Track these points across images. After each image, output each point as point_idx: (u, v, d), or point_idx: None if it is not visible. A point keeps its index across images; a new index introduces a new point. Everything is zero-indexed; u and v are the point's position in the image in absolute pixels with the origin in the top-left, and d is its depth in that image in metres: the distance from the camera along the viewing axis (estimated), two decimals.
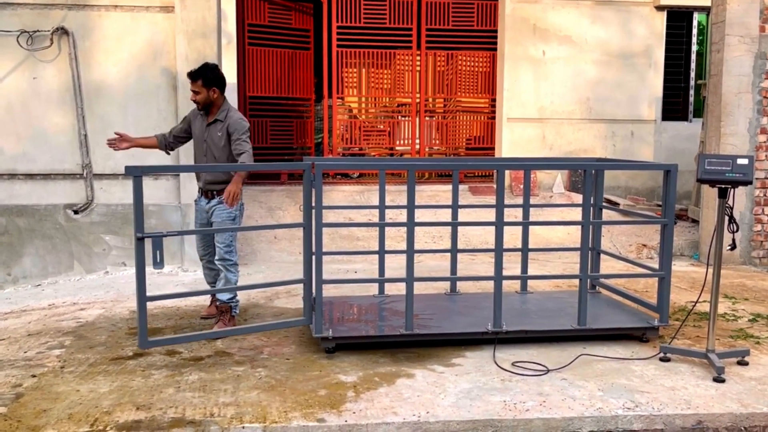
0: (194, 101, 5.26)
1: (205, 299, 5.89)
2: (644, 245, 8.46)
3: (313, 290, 4.66)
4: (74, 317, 5.67)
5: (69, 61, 7.34)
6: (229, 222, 5.23)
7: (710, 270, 4.47)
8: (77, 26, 7.33)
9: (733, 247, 4.60)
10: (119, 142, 5.36)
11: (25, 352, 4.75)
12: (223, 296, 5.21)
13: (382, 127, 10.61)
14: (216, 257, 5.26)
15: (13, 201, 7.41)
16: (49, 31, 7.27)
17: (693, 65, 10.60)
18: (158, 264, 4.23)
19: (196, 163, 5.48)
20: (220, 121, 5.24)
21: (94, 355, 4.67)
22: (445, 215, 8.15)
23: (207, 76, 5.19)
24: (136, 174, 4.21)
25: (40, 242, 7.41)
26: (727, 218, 4.36)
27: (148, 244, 4.33)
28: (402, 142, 10.54)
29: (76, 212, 7.46)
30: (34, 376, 4.27)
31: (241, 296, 5.82)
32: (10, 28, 7.22)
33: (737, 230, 4.42)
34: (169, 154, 5.71)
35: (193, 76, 5.19)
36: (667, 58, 10.24)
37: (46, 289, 7.01)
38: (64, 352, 4.73)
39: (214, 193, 5.26)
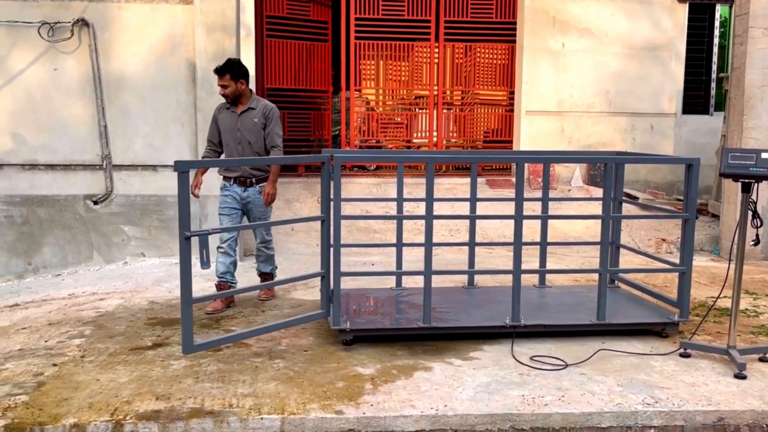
0: (223, 95, 5.58)
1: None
2: (663, 240, 8.39)
3: (331, 282, 4.66)
4: (94, 307, 5.71)
5: (89, 53, 7.38)
6: (268, 210, 5.76)
7: (732, 265, 4.42)
8: (97, 18, 7.37)
9: (757, 242, 4.54)
10: (195, 188, 5.61)
11: (46, 341, 4.79)
12: (266, 268, 5.94)
13: (399, 119, 10.58)
14: (258, 241, 5.83)
15: (34, 191, 7.48)
16: (69, 22, 7.30)
17: (715, 58, 10.48)
18: (205, 263, 4.22)
19: (229, 152, 5.72)
20: (253, 108, 5.61)
21: (113, 345, 4.70)
22: (462, 208, 8.14)
23: (234, 69, 5.52)
24: (183, 170, 4.00)
25: (60, 232, 7.48)
26: (750, 213, 4.31)
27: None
28: (419, 134, 10.51)
29: (95, 203, 7.51)
30: (55, 365, 4.31)
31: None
32: (32, 20, 7.26)
33: (761, 225, 4.37)
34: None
35: (220, 71, 5.51)
36: (688, 51, 10.12)
37: (66, 279, 7.07)
38: (84, 342, 4.77)
39: (253, 180, 5.63)
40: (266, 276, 5.98)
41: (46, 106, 7.44)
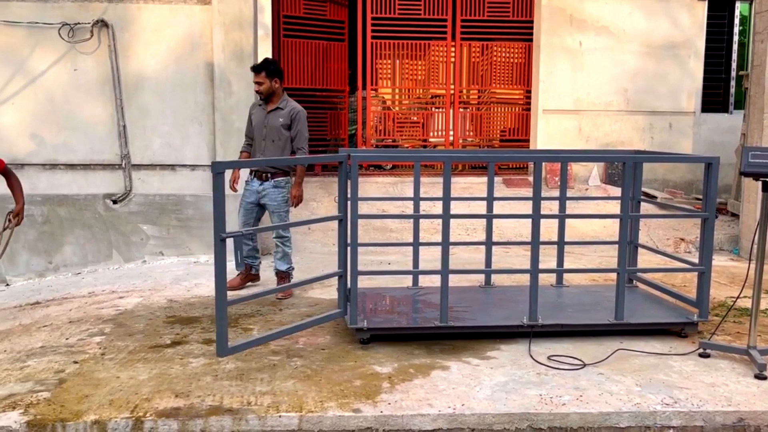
0: (258, 92, 5.87)
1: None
2: (682, 239, 8.33)
3: (348, 281, 4.68)
4: (113, 305, 5.77)
5: (108, 53, 7.45)
6: (283, 204, 5.91)
7: (752, 265, 4.38)
8: (117, 19, 7.44)
9: None
10: (234, 182, 6.09)
11: (67, 339, 4.85)
12: (282, 266, 5.99)
13: (415, 118, 10.58)
14: (273, 235, 6.00)
15: (54, 190, 7.56)
16: (89, 23, 7.38)
17: (734, 55, 10.38)
18: (240, 264, 4.26)
19: (255, 147, 5.97)
20: (281, 108, 5.90)
21: (133, 343, 4.75)
22: (478, 207, 8.12)
23: (270, 68, 5.85)
24: (219, 171, 3.96)
25: (80, 231, 7.56)
26: None
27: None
28: (435, 133, 10.50)
29: (114, 202, 7.58)
30: (76, 362, 4.36)
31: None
32: (52, 21, 7.35)
33: None
34: None
35: (257, 68, 5.83)
36: (707, 49, 10.03)
37: (86, 278, 7.15)
38: (105, 339, 4.83)
39: (269, 175, 5.82)
40: (282, 274, 6.06)
41: (66, 107, 7.52)
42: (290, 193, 5.90)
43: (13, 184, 5.07)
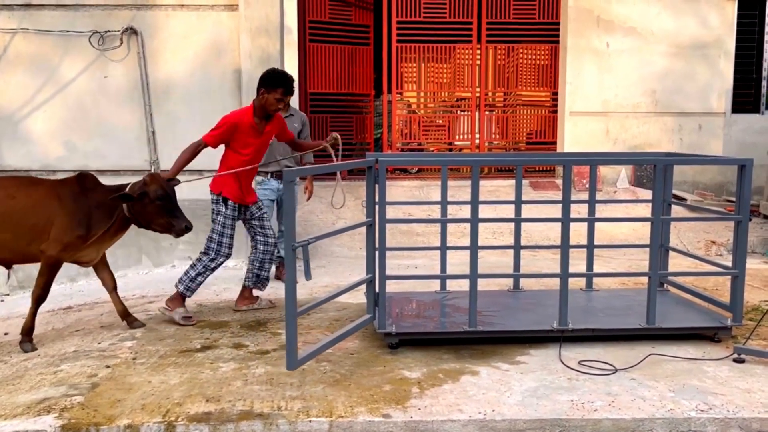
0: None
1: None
2: (713, 242, 8.20)
3: (377, 286, 4.67)
4: (144, 310, 5.83)
5: (137, 60, 7.54)
6: (296, 201, 6.16)
7: None
8: (145, 26, 7.52)
9: None
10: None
11: (99, 344, 4.91)
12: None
13: (441, 122, 10.57)
14: (279, 232, 6.33)
15: None
16: (119, 31, 7.47)
17: (766, 55, 10.21)
18: (308, 274, 4.24)
19: (269, 154, 6.13)
20: (292, 114, 6.38)
21: (163, 347, 4.79)
22: (504, 210, 8.08)
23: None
24: (291, 179, 3.89)
25: None
26: None
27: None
28: (461, 136, 10.48)
29: None
30: (108, 366, 4.41)
31: (304, 292, 5.91)
32: (83, 29, 7.45)
33: None
34: None
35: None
36: (737, 48, 9.89)
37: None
38: (136, 344, 4.87)
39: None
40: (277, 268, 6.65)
41: (95, 113, 7.62)
42: (305, 187, 6.75)
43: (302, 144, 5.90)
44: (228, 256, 5.51)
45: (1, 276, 6.94)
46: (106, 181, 7.65)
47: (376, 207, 4.62)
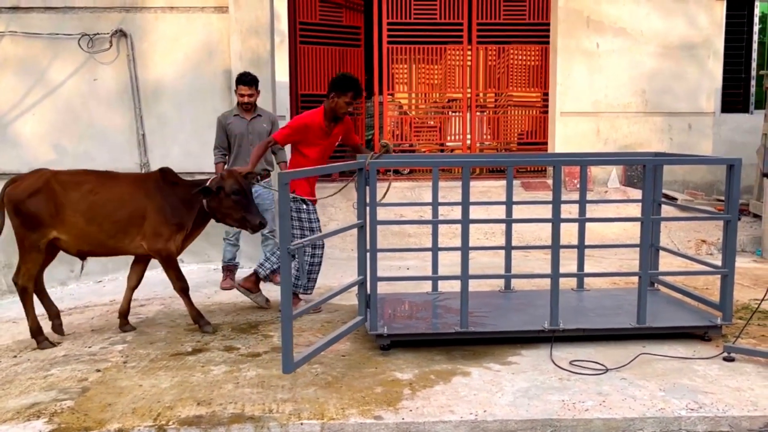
0: (246, 102, 6.18)
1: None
2: (703, 241, 8.24)
3: (368, 288, 4.67)
4: (134, 313, 5.80)
5: (127, 63, 7.53)
6: (272, 203, 6.45)
7: None
8: (135, 28, 7.51)
9: None
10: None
11: (89, 347, 4.89)
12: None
13: (432, 123, 10.57)
14: (267, 231, 6.33)
15: None
16: (108, 33, 7.46)
17: (754, 55, 10.27)
18: (304, 278, 4.31)
19: (242, 156, 6.18)
20: (260, 115, 6.31)
21: (154, 351, 4.77)
22: (495, 211, 8.08)
23: (257, 81, 6.25)
24: (285, 181, 3.92)
25: None
26: None
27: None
28: (452, 137, 10.48)
29: None
30: (98, 370, 4.39)
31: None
32: (72, 32, 7.43)
33: None
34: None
35: (252, 81, 6.17)
36: (726, 48, 9.93)
37: (107, 286, 7.20)
38: (126, 348, 4.86)
39: (259, 177, 6.03)
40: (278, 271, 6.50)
41: (86, 116, 7.60)
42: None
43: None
44: (322, 246, 5.70)
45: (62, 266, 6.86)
46: None
47: (367, 209, 4.61)
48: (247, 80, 6.17)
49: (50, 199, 4.92)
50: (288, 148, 5.89)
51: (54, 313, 5.24)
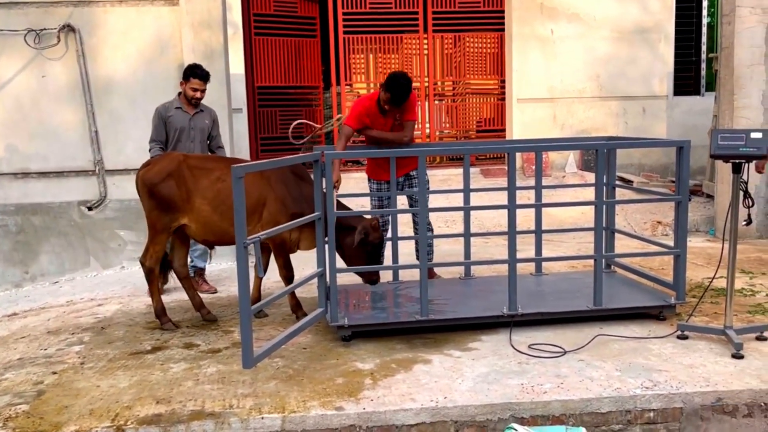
0: (197, 98, 5.97)
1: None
2: (659, 222, 8.40)
3: (327, 279, 4.67)
4: (92, 313, 5.71)
5: (77, 58, 7.35)
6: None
7: (726, 245, 4.43)
8: (83, 23, 7.34)
9: (749, 222, 4.56)
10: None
11: (45, 350, 4.79)
12: (202, 263, 6.40)
13: None
14: None
15: (27, 200, 7.46)
16: (55, 29, 7.27)
17: (704, 38, 10.48)
18: (261, 270, 4.25)
19: (177, 150, 5.90)
20: (202, 111, 6.10)
21: (113, 351, 4.71)
22: (458, 199, 8.12)
23: (210, 76, 6.02)
24: (240, 175, 3.79)
25: (56, 240, 7.47)
26: (741, 193, 4.32)
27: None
28: None
29: (90, 209, 7.50)
30: (54, 373, 4.32)
31: None
32: (18, 27, 7.23)
33: (753, 205, 4.38)
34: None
35: (207, 77, 5.95)
36: (677, 32, 10.12)
37: (63, 286, 7.07)
38: (84, 348, 4.78)
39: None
40: (201, 271, 6.39)
41: (36, 114, 7.42)
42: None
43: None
44: (386, 223, 5.75)
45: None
46: (50, 183, 7.54)
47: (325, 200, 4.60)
48: (203, 74, 5.92)
49: (182, 184, 4.93)
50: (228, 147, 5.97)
51: (198, 303, 5.32)
